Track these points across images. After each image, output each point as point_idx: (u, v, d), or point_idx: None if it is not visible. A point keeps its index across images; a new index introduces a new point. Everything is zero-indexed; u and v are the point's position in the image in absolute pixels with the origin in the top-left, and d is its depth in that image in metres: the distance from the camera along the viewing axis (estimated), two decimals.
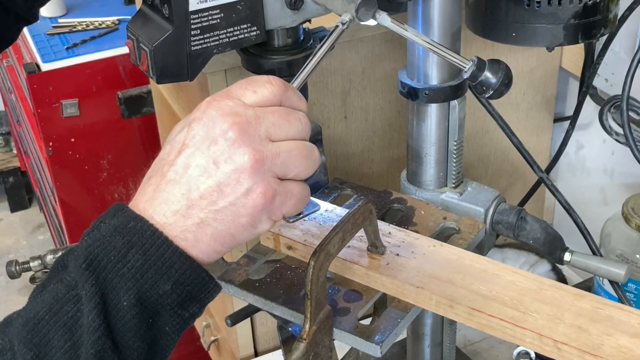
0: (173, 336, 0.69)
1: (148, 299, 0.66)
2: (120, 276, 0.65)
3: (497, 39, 0.93)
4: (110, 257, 0.66)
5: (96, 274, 0.65)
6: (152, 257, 0.66)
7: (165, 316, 0.67)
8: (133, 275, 0.66)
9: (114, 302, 0.65)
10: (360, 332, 0.83)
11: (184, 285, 0.67)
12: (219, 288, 0.71)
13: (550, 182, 1.10)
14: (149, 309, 0.66)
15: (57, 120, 2.08)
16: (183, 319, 0.69)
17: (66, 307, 0.65)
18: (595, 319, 0.77)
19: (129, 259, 0.66)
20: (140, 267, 0.66)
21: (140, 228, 0.67)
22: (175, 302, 0.67)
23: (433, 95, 0.98)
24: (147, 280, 0.66)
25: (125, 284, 0.65)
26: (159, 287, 0.66)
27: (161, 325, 0.68)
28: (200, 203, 0.68)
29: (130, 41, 0.88)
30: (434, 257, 0.88)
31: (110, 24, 2.22)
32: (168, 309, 0.67)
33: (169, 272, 0.66)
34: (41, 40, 2.18)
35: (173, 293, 0.67)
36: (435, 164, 1.03)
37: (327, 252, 0.77)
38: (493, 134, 1.45)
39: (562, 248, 1.01)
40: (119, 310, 0.65)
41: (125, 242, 0.66)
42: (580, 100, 1.24)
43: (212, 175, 0.68)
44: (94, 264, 0.66)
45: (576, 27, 0.89)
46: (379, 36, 1.26)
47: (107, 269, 0.66)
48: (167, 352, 0.70)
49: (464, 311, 0.80)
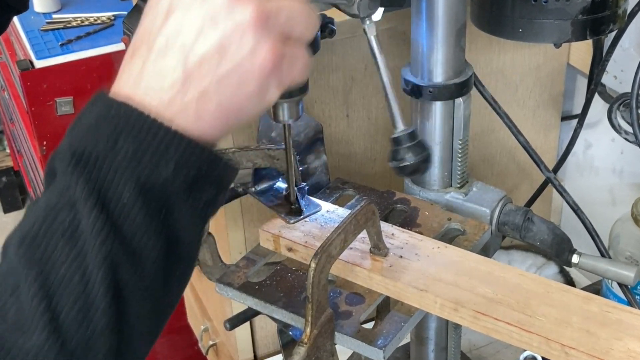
0: (194, 230, 0.63)
1: (151, 188, 0.60)
2: (115, 168, 0.59)
3: (503, 35, 0.93)
4: (98, 149, 0.60)
5: (87, 171, 0.59)
6: (144, 141, 0.60)
7: (177, 207, 0.61)
8: (128, 164, 0.59)
9: (115, 199, 0.59)
10: (362, 336, 0.83)
11: (186, 166, 0.61)
12: (231, 168, 0.64)
13: (558, 182, 1.10)
14: (155, 201, 0.60)
15: (51, 118, 2.08)
16: (198, 208, 0.62)
17: (61, 214, 0.59)
18: (604, 323, 0.77)
19: (120, 148, 0.59)
20: (133, 155, 0.60)
21: (125, 112, 0.60)
22: (182, 187, 0.61)
23: (437, 93, 0.98)
24: (144, 167, 0.60)
25: (121, 176, 0.59)
26: (160, 172, 0.60)
27: (177, 217, 0.61)
28: (199, 71, 0.61)
29: (126, 37, 0.88)
30: (438, 259, 0.88)
31: (106, 19, 2.22)
32: (177, 196, 0.61)
33: (167, 154, 0.60)
34: (35, 36, 2.18)
35: (177, 177, 0.60)
36: (440, 164, 1.03)
37: (328, 254, 0.77)
38: (499, 132, 1.45)
39: (569, 250, 1.01)
40: (123, 207, 0.59)
41: (112, 129, 0.60)
42: (589, 98, 1.24)
43: (210, 35, 0.60)
44: (82, 161, 0.60)
45: (584, 23, 0.89)
46: (382, 32, 1.25)
47: (97, 163, 0.59)
48: (193, 249, 0.64)
49: (469, 314, 0.80)
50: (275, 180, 1.01)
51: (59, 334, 0.58)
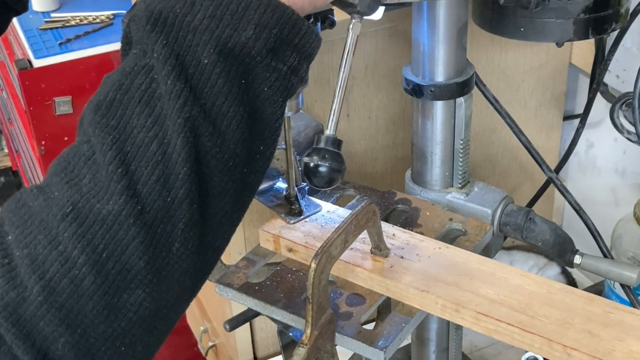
0: (276, 99, 0.61)
1: (231, 51, 0.58)
2: (193, 30, 0.58)
3: (505, 34, 0.93)
4: (176, 11, 0.58)
5: (165, 33, 0.58)
6: (223, 1, 0.58)
7: (258, 72, 0.59)
8: (207, 25, 0.58)
9: (194, 63, 0.57)
10: (363, 337, 0.83)
11: (268, 27, 0.59)
12: (314, 33, 0.62)
13: (560, 182, 1.10)
14: (236, 65, 0.59)
15: (49, 118, 2.08)
16: (281, 74, 0.61)
17: (137, 79, 0.58)
18: (607, 324, 0.77)
19: (198, 9, 0.58)
20: (212, 15, 0.58)
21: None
22: (263, 50, 0.59)
23: (439, 93, 0.98)
24: (223, 28, 0.58)
25: (200, 38, 0.58)
26: (240, 34, 0.58)
27: (257, 85, 0.60)
28: None
29: None
30: (439, 259, 0.88)
31: (105, 18, 2.22)
32: (258, 60, 0.59)
33: (246, 14, 0.58)
34: (33, 35, 2.18)
35: (258, 39, 0.58)
36: (441, 164, 1.03)
37: (329, 254, 0.77)
38: (500, 132, 1.45)
39: (572, 250, 1.01)
40: (203, 71, 0.58)
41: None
42: (591, 98, 1.24)
43: None
44: (159, 23, 0.58)
45: (586, 22, 0.89)
46: (383, 31, 1.26)
47: (175, 24, 0.58)
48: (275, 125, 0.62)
49: (471, 315, 0.80)
50: (276, 180, 1.01)
51: (137, 200, 0.57)
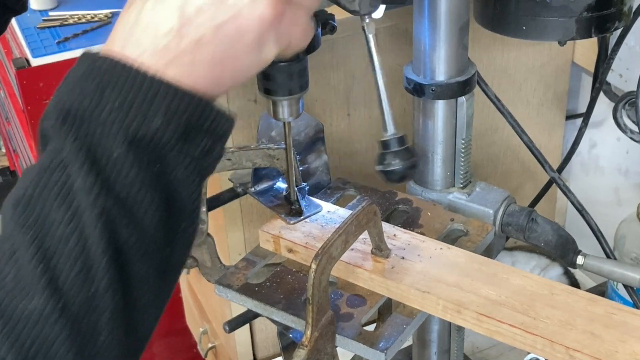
0: (192, 182, 0.62)
1: (141, 141, 0.59)
2: (102, 123, 0.59)
3: (507, 33, 0.93)
4: (84, 105, 0.59)
5: (74, 128, 0.59)
6: (130, 92, 0.59)
7: (171, 159, 0.60)
8: (115, 117, 0.59)
9: (105, 155, 0.59)
10: (363, 338, 0.83)
11: (177, 115, 0.60)
12: (225, 116, 0.63)
13: (562, 182, 1.10)
14: (147, 154, 0.59)
15: None
16: (194, 158, 0.61)
17: (54, 175, 0.59)
18: (609, 325, 0.77)
19: (106, 102, 0.59)
20: (120, 107, 0.59)
21: (109, 65, 0.60)
22: (174, 138, 0.60)
23: (440, 92, 0.98)
24: (132, 119, 0.59)
25: (109, 130, 0.58)
26: (149, 123, 0.59)
27: (171, 171, 0.61)
28: (196, 19, 0.61)
29: None
30: (440, 260, 0.88)
31: (103, 17, 2.22)
32: (169, 148, 0.60)
33: (154, 104, 0.59)
34: (31, 34, 2.18)
35: (168, 127, 0.59)
36: (442, 163, 1.03)
37: (329, 255, 0.77)
38: (502, 131, 1.45)
39: (574, 251, 1.01)
40: (114, 163, 0.59)
41: (96, 84, 0.59)
42: (594, 97, 1.24)
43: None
44: (69, 119, 0.59)
45: (589, 21, 0.89)
46: (384, 30, 1.26)
47: (84, 119, 0.59)
48: (193, 206, 0.63)
49: (472, 317, 0.80)
50: (275, 180, 1.01)
51: (60, 296, 0.57)
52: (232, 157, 0.95)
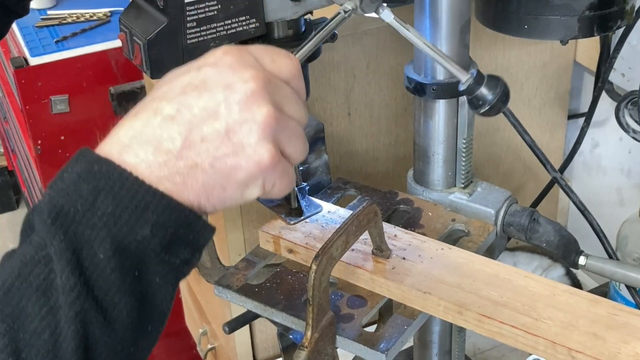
0: (167, 288, 0.65)
1: (127, 247, 0.62)
2: (91, 226, 0.61)
3: (509, 32, 0.93)
4: (77, 207, 0.62)
5: (64, 227, 0.61)
6: (123, 201, 0.62)
7: (151, 266, 0.63)
8: (105, 223, 0.61)
9: (89, 257, 0.61)
10: (364, 339, 0.83)
11: (164, 227, 0.63)
12: (209, 228, 0.67)
13: (564, 182, 1.10)
14: (130, 260, 0.62)
15: (46, 117, 2.08)
16: (174, 267, 0.65)
17: (36, 269, 0.61)
18: (612, 326, 0.77)
19: (98, 206, 0.62)
20: (112, 213, 0.61)
21: (106, 171, 0.63)
22: (159, 247, 0.63)
23: (441, 91, 0.98)
24: (121, 226, 0.62)
25: (97, 234, 0.61)
26: (137, 232, 0.62)
27: (150, 277, 0.63)
28: (199, 146, 0.64)
29: (122, 34, 0.88)
30: (442, 261, 0.88)
31: (102, 15, 2.22)
32: (152, 256, 0.63)
33: (145, 215, 0.62)
34: (29, 33, 2.18)
35: (154, 237, 0.62)
36: (444, 163, 1.03)
37: (329, 255, 0.77)
38: (504, 131, 1.45)
39: (576, 251, 1.01)
40: (97, 265, 0.61)
41: (92, 188, 0.62)
42: (596, 96, 1.24)
43: (221, 120, 0.64)
44: (60, 218, 0.62)
45: (591, 19, 0.89)
46: (385, 29, 1.26)
47: (75, 220, 0.62)
48: (165, 307, 0.65)
49: (474, 318, 0.80)
50: None
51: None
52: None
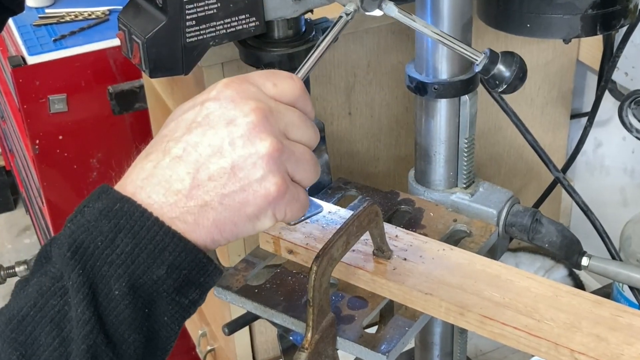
0: (173, 327, 0.67)
1: (141, 286, 0.64)
2: (109, 263, 0.64)
3: (511, 31, 0.93)
4: (97, 243, 0.64)
5: (82, 262, 0.64)
6: (142, 240, 0.64)
7: (162, 305, 0.66)
8: (123, 261, 0.64)
9: (105, 292, 0.63)
10: (365, 341, 0.83)
11: (179, 268, 0.65)
12: (219, 271, 0.69)
13: (567, 182, 1.10)
14: (143, 298, 0.65)
15: (44, 116, 2.08)
16: (182, 306, 0.67)
17: (52, 300, 0.64)
18: (615, 328, 0.77)
19: (118, 244, 0.64)
20: (130, 252, 0.64)
21: (128, 209, 0.65)
22: (171, 288, 0.65)
23: (443, 90, 0.98)
24: (138, 265, 0.64)
25: (115, 271, 0.64)
26: (153, 272, 0.65)
27: (159, 315, 0.66)
28: (207, 185, 0.66)
29: (121, 32, 0.88)
30: (443, 261, 0.88)
31: (101, 14, 2.22)
32: (164, 295, 0.65)
33: (162, 256, 0.65)
34: (27, 31, 2.18)
35: (168, 278, 0.65)
36: (445, 163, 1.03)
37: (330, 256, 0.77)
38: (506, 131, 1.45)
39: (579, 252, 1.01)
40: (111, 301, 0.64)
41: (112, 225, 0.65)
42: (599, 96, 1.24)
43: (226, 156, 0.66)
44: (79, 252, 0.64)
45: (594, 18, 0.90)
46: (385, 27, 1.26)
47: (94, 256, 0.64)
48: (169, 344, 0.68)
49: (476, 319, 0.80)
50: None
51: None
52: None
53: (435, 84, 0.98)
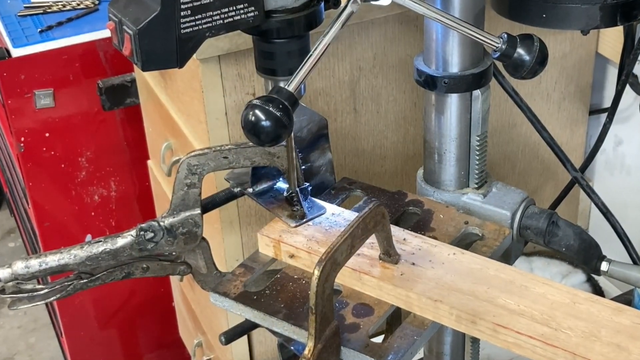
0: None
1: None
2: None
3: (526, 21, 0.93)
4: None
5: None
6: None
7: None
8: None
9: None
10: (371, 351, 0.83)
11: None
12: None
13: (586, 182, 1.10)
14: None
15: (29, 112, 2.08)
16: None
17: None
18: (636, 337, 0.77)
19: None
20: None
21: None
22: None
23: (453, 84, 0.98)
24: None
25: None
26: None
27: None
28: None
29: (112, 23, 0.89)
30: (454, 266, 0.88)
31: (90, 4, 2.23)
32: None
33: None
34: (12, 22, 2.18)
35: None
36: (456, 162, 1.03)
37: (333, 261, 0.78)
38: (521, 127, 1.45)
39: (598, 256, 1.01)
40: None
41: None
42: (619, 90, 1.24)
43: None
44: None
45: (614, 8, 0.90)
46: (392, 18, 1.26)
47: None
48: None
49: (488, 327, 0.81)
50: (276, 180, 1.02)
51: None
52: (229, 155, 0.95)
53: (445, 78, 0.98)
